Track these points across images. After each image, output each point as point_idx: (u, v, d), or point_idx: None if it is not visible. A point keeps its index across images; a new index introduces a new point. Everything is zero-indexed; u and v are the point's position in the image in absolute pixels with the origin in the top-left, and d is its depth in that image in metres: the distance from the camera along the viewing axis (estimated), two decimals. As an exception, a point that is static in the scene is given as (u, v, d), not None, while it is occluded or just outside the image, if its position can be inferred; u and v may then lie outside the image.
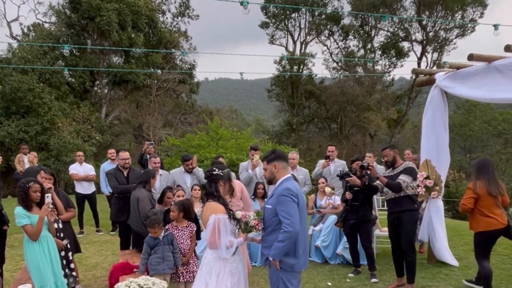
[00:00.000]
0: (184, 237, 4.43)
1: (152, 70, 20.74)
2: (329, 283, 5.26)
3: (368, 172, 5.07)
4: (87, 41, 21.61)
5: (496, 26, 6.96)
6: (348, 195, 5.32)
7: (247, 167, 6.79)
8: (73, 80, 20.95)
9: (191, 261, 4.48)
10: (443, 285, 5.10)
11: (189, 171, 6.31)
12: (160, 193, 5.48)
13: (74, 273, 4.46)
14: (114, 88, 23.05)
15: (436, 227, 5.79)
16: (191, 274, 4.46)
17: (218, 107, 34.26)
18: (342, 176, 5.37)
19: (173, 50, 23.27)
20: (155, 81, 23.60)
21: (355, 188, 5.28)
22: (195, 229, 4.52)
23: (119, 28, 19.76)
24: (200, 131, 14.30)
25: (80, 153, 8.35)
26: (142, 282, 3.45)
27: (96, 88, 23.57)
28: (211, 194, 3.37)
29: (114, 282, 3.98)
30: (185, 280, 4.42)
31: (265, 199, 6.31)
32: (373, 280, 5.33)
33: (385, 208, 7.16)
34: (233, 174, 5.57)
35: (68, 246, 4.43)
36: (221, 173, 3.39)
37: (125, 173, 5.64)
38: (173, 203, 4.79)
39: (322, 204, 6.42)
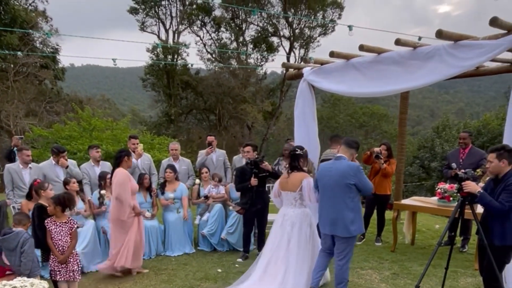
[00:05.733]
0: (62, 233, 4.15)
1: (8, 51, 18.10)
2: (219, 270, 5.45)
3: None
4: None
5: (350, 27, 7.68)
6: (254, 181, 5.58)
7: (128, 158, 6.59)
8: None
9: (71, 259, 4.21)
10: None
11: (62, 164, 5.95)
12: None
13: None
14: (-40, 71, 19.52)
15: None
16: (71, 273, 4.21)
17: (88, 95, 31.63)
18: (257, 163, 5.65)
19: (31, 30, 20.65)
20: (12, 65, 20.68)
21: (263, 174, 5.63)
22: (75, 226, 4.26)
23: (-38, 2, 16.78)
24: (70, 121, 13.20)
25: None
26: (19, 284, 3.19)
27: None
28: (295, 167, 4.54)
29: (-17, 289, 3.56)
30: (63, 279, 4.18)
31: (149, 190, 6.25)
32: None
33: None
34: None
35: None
36: (301, 153, 4.59)
37: None
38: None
39: (206, 193, 6.54)
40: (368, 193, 4.23)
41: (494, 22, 3.80)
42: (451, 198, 5.53)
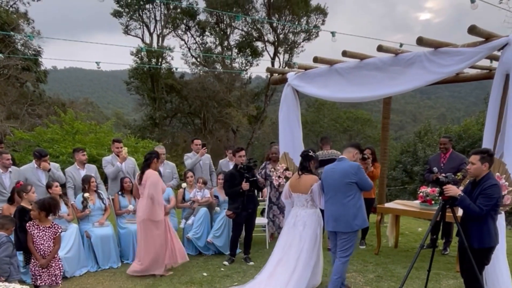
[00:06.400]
0: (45, 238, 4.11)
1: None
2: (205, 274, 5.43)
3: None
4: None
5: (333, 33, 7.75)
6: (246, 185, 5.63)
7: (111, 161, 6.56)
8: None
9: (53, 264, 4.19)
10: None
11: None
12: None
13: None
14: None
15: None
16: (53, 278, 4.19)
17: (71, 98, 31.13)
18: (251, 167, 5.75)
19: (12, 32, 20.26)
20: (-8, 67, 20.27)
21: (254, 178, 5.70)
22: (60, 231, 4.22)
23: None
24: (53, 124, 13.02)
25: None
26: (0, 289, 3.13)
27: None
28: (306, 169, 4.72)
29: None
30: (44, 283, 4.14)
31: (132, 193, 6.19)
32: (251, 263, 5.76)
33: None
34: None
35: None
36: (313, 155, 4.76)
37: None
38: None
39: (191, 197, 6.54)
40: (368, 189, 4.60)
41: (472, 30, 3.93)
42: (433, 202, 5.64)
